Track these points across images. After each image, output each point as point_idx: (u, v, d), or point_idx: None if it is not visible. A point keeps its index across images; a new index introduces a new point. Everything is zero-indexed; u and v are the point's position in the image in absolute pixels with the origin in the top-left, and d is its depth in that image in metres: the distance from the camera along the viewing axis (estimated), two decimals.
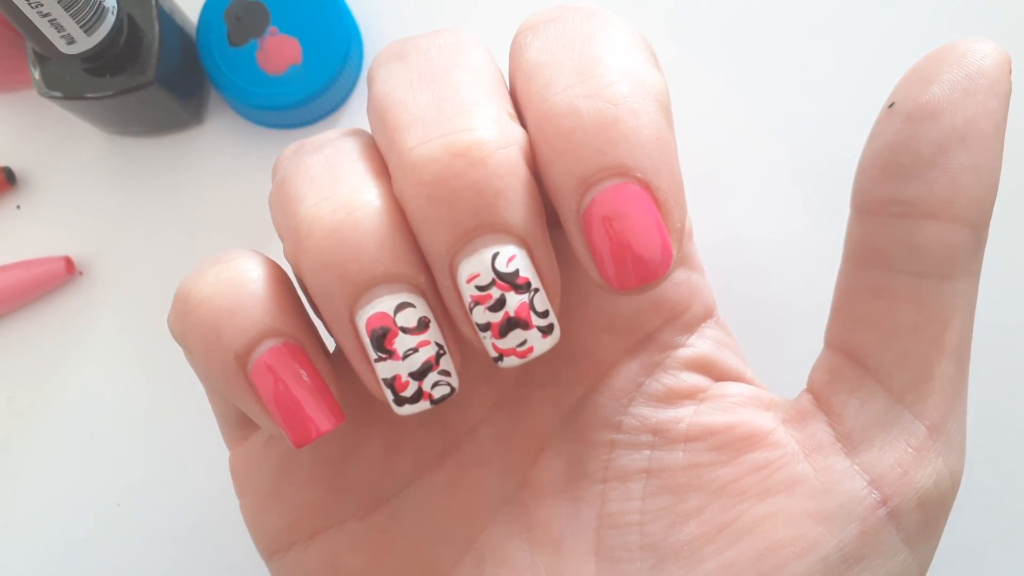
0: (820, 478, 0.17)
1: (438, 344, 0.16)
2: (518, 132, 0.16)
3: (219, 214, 0.30)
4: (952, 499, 0.18)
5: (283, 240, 0.17)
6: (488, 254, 0.16)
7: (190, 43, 0.29)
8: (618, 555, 0.19)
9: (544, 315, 0.16)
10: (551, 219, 0.17)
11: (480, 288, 0.16)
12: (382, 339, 0.16)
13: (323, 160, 0.17)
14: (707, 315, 0.20)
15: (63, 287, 0.30)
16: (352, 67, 0.29)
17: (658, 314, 0.20)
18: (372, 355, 0.16)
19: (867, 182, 0.17)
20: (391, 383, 0.16)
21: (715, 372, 0.20)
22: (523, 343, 0.16)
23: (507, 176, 0.16)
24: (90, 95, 0.26)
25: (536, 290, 0.16)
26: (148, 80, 0.26)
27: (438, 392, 0.17)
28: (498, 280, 0.16)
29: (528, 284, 0.16)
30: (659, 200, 0.15)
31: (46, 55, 0.25)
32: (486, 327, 0.16)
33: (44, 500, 0.29)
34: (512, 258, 0.16)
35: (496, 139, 0.16)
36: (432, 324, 0.16)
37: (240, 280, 0.17)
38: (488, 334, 0.16)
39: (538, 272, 0.16)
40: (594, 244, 0.16)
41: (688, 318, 0.20)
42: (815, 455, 0.18)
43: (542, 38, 0.17)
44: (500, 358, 0.16)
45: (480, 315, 0.16)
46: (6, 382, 0.30)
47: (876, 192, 0.17)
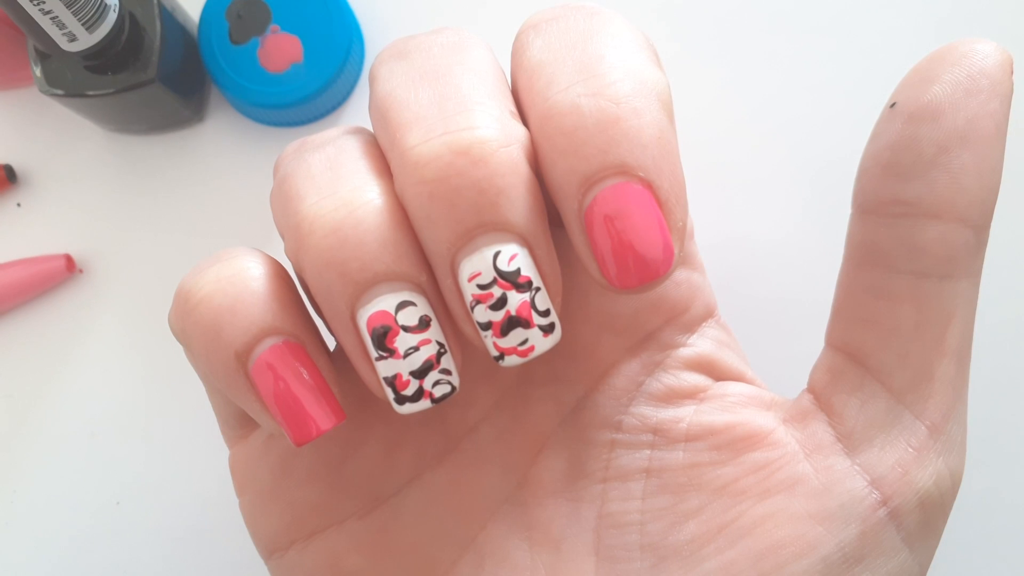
0: (820, 478, 0.17)
1: (439, 343, 0.16)
2: (520, 131, 0.16)
3: (220, 212, 0.30)
4: (952, 499, 0.18)
5: (284, 238, 0.17)
6: (489, 253, 0.16)
7: (191, 41, 0.29)
8: (618, 555, 0.18)
9: (545, 314, 0.16)
10: (552, 218, 0.17)
11: (481, 287, 0.16)
12: (383, 337, 0.16)
13: (324, 158, 0.17)
14: (708, 314, 0.20)
15: (63, 285, 0.30)
16: (353, 65, 0.29)
17: (659, 313, 0.20)
18: (373, 353, 0.16)
19: (868, 182, 0.17)
20: (392, 382, 0.16)
21: (716, 372, 0.20)
22: (524, 342, 0.16)
23: (509, 175, 0.15)
24: (91, 93, 0.26)
25: (537, 289, 0.16)
26: (149, 78, 0.26)
27: (439, 391, 0.17)
28: (499, 279, 0.16)
29: (529, 283, 0.16)
30: (661, 199, 0.15)
31: (47, 52, 0.25)
32: (487, 326, 0.16)
33: (44, 499, 0.29)
34: (514, 257, 0.16)
35: (498, 138, 0.16)
36: (433, 323, 0.16)
37: (241, 278, 0.17)
38: (489, 333, 0.16)
39: (539, 271, 0.16)
40: (596, 243, 0.16)
41: (689, 317, 0.20)
42: (815, 455, 0.18)
43: (544, 37, 0.17)
44: (501, 357, 0.16)
45: (481, 314, 0.16)
46: (6, 381, 0.30)
47: (877, 192, 0.17)
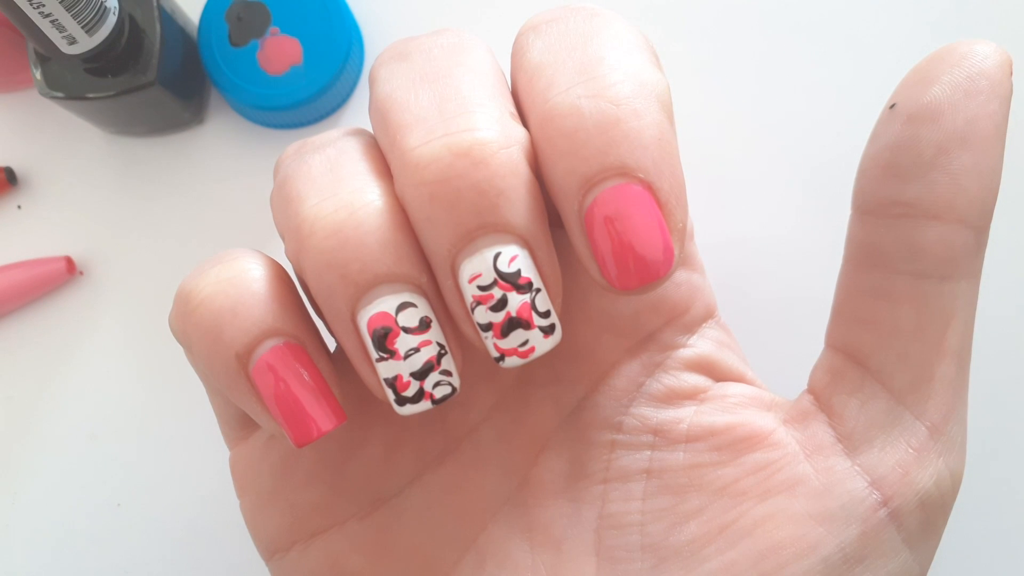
0: (821, 479, 0.17)
1: (439, 344, 0.16)
2: (520, 132, 0.16)
3: (220, 214, 0.30)
4: (953, 499, 0.18)
5: (285, 240, 0.17)
6: (490, 254, 0.16)
7: (191, 43, 0.29)
8: (619, 555, 0.18)
9: (546, 315, 0.16)
10: (553, 219, 0.17)
11: (482, 288, 0.16)
12: (383, 339, 0.16)
13: (325, 160, 0.17)
14: (708, 315, 0.20)
15: (64, 287, 0.30)
16: (353, 67, 0.29)
17: (659, 314, 0.20)
18: (373, 355, 0.16)
19: (868, 183, 0.17)
20: (392, 383, 0.16)
21: (716, 372, 0.20)
22: (525, 343, 0.16)
23: (509, 176, 0.15)
24: (91, 95, 0.26)
25: (538, 290, 0.16)
26: (149, 80, 0.26)
27: (439, 392, 0.17)
28: (500, 280, 0.16)
29: (530, 284, 0.16)
30: (661, 200, 0.15)
31: (47, 55, 0.25)
32: (488, 327, 0.16)
33: (44, 500, 0.29)
34: (514, 258, 0.16)
35: (498, 139, 0.16)
36: (434, 324, 0.16)
37: (241, 279, 0.17)
38: (490, 334, 0.16)
39: (540, 272, 0.16)
40: (596, 244, 0.16)
41: (689, 318, 0.20)
42: (816, 456, 0.18)
43: (544, 38, 0.17)
44: (502, 358, 0.16)
45: (482, 315, 0.16)
46: (6, 382, 0.30)
47: (877, 193, 0.17)
